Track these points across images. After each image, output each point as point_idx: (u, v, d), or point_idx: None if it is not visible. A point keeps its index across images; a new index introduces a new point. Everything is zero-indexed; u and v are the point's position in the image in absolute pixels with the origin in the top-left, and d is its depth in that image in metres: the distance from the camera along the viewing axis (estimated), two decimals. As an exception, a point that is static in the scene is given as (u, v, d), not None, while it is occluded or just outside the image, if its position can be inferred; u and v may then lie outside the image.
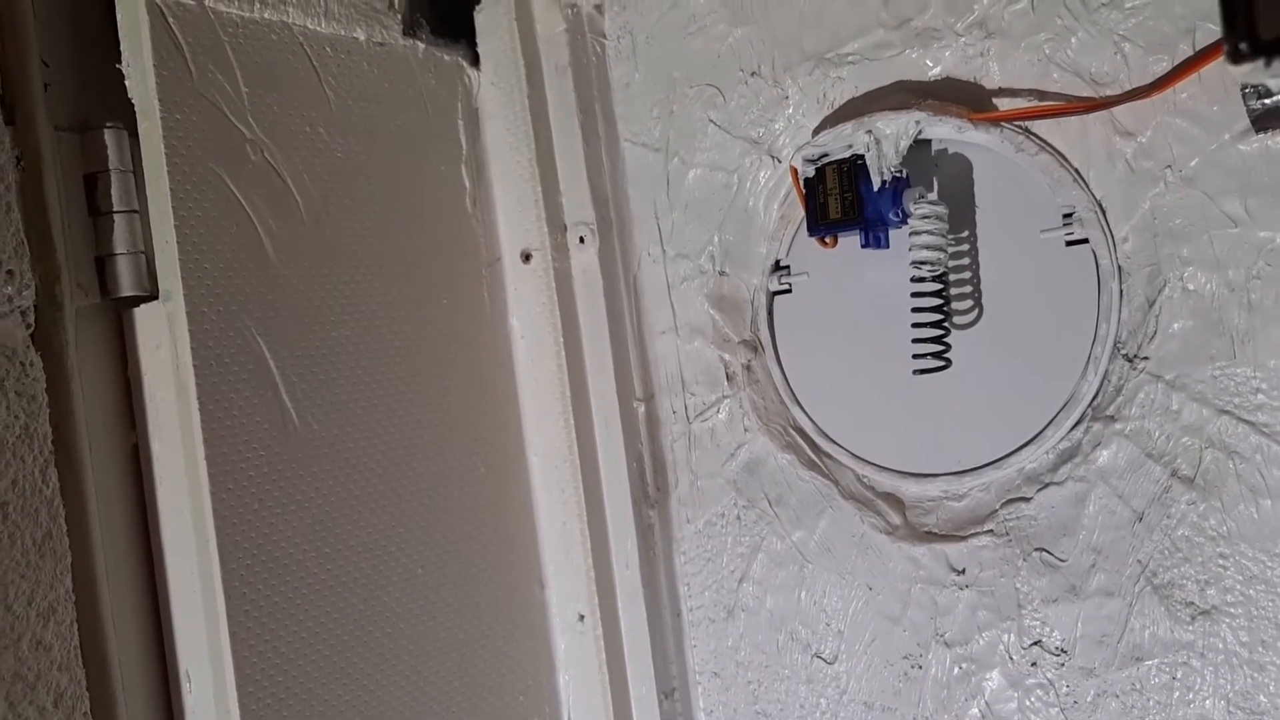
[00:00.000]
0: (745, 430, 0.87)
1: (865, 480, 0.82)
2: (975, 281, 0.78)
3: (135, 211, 0.72)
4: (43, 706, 0.66)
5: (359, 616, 0.77)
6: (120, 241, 0.72)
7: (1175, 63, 0.69)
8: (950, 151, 0.78)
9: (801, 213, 0.81)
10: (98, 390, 0.72)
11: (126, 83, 0.70)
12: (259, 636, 0.71)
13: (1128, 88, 0.71)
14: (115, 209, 0.72)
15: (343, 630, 0.76)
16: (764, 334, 0.86)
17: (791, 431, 0.85)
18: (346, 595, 0.77)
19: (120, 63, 0.71)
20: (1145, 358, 0.71)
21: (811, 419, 0.84)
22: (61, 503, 0.68)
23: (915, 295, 0.76)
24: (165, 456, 0.72)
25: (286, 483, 0.74)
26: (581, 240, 0.89)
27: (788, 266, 0.85)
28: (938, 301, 0.76)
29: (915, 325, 0.76)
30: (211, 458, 0.70)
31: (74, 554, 0.68)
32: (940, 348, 0.76)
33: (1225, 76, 0.67)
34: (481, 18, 0.89)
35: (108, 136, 0.72)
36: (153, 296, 0.72)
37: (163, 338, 0.71)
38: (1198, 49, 0.68)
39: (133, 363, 0.73)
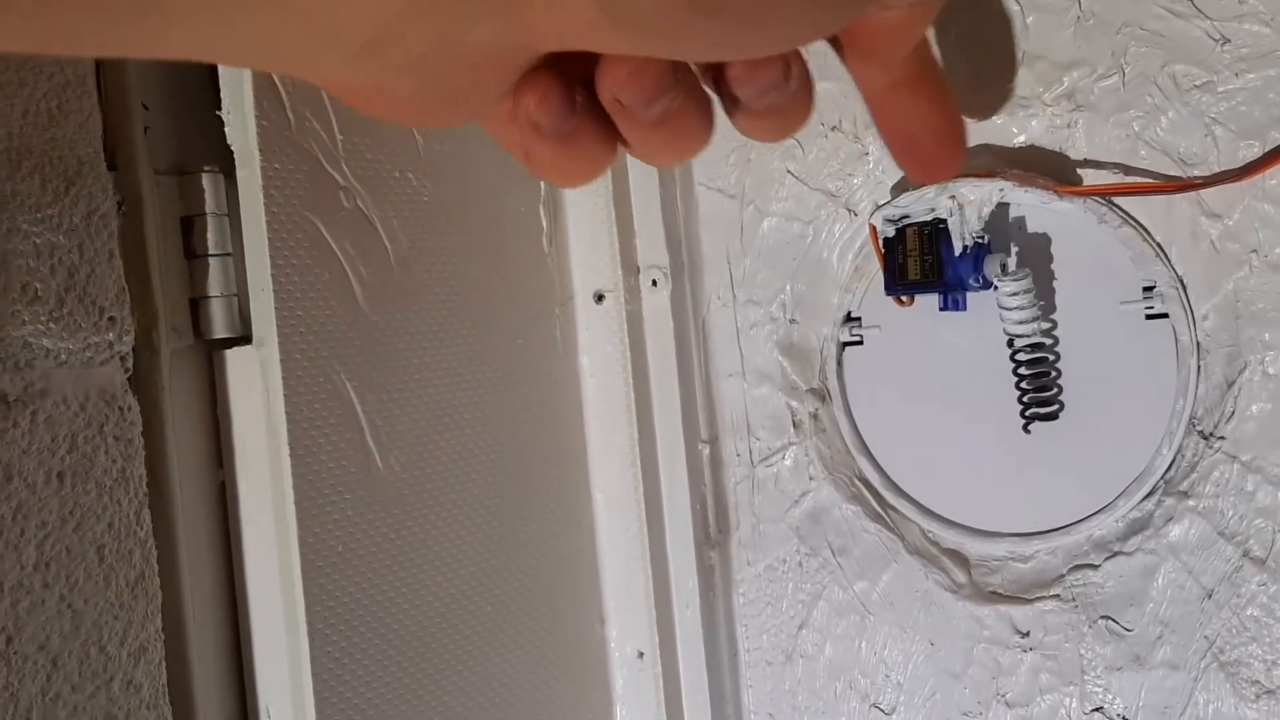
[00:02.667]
0: (810, 478, 0.88)
1: (931, 536, 0.83)
2: (1052, 347, 0.78)
3: (229, 255, 0.73)
4: (128, 741, 0.67)
5: (430, 653, 0.79)
6: (215, 284, 0.73)
7: (1266, 149, 0.69)
8: (1031, 218, 0.79)
9: (875, 266, 0.82)
10: (188, 429, 0.73)
11: (226, 130, 0.71)
12: (337, 675, 0.73)
13: (1216, 170, 0.71)
14: (211, 252, 0.73)
15: (415, 666, 0.78)
16: (833, 384, 0.87)
17: (857, 482, 0.86)
18: (419, 633, 0.78)
19: (220, 108, 0.72)
20: (1221, 437, 0.72)
21: (879, 471, 0.85)
22: (154, 544, 0.69)
23: (1016, 363, 0.77)
24: (252, 497, 0.73)
25: (368, 524, 0.75)
26: (654, 283, 0.90)
27: (859, 318, 0.86)
28: (1040, 369, 0.77)
29: (1019, 389, 0.77)
30: (300, 501, 0.71)
31: (163, 592, 0.70)
32: (1053, 406, 0.77)
33: (1317, 166, 0.68)
34: (564, 59, 0.90)
35: (205, 180, 0.73)
36: (243, 338, 0.73)
37: (254, 382, 0.72)
38: (1290, 137, 0.69)
39: (222, 402, 0.74)
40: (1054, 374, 0.78)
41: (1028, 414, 0.78)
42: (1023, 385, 0.78)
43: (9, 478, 0.62)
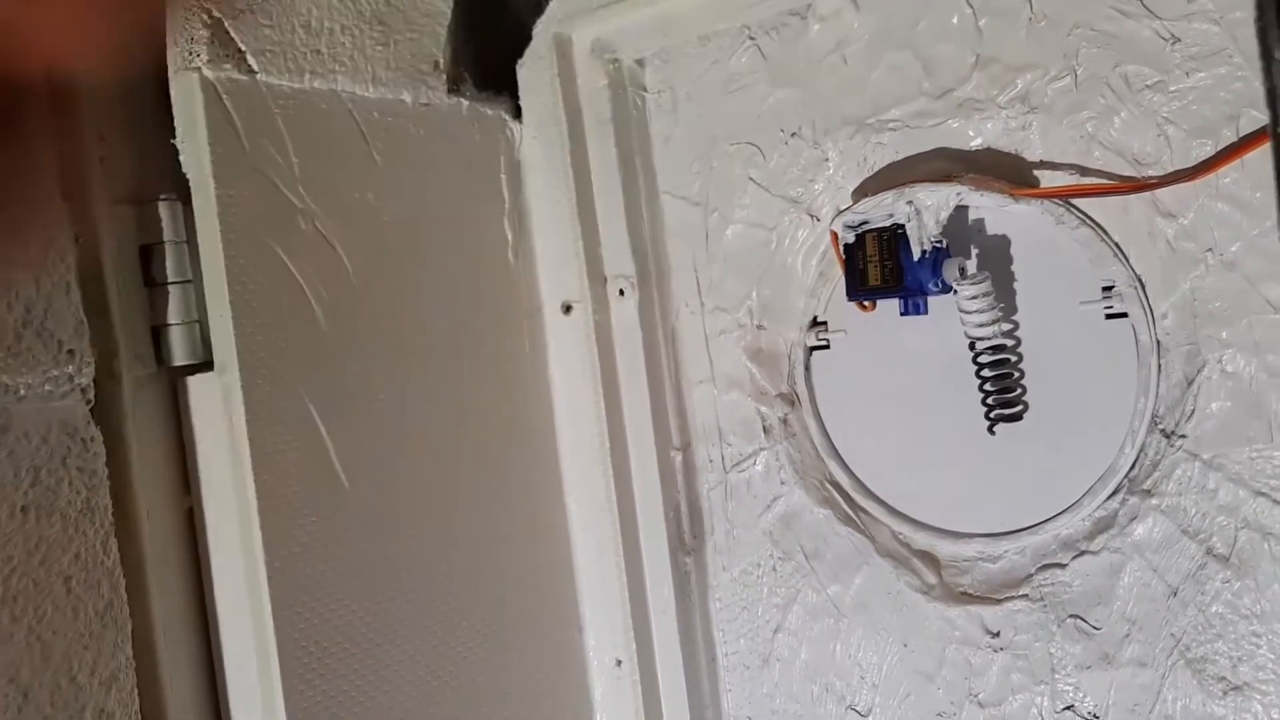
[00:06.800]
0: (782, 483, 0.88)
1: (901, 538, 0.84)
2: (1014, 348, 0.79)
3: (189, 281, 0.74)
4: (103, 767, 0.68)
5: (406, 670, 0.79)
6: (175, 312, 0.73)
7: (1219, 147, 0.69)
8: (989, 220, 0.79)
9: (840, 271, 0.82)
10: (153, 457, 0.73)
11: (181, 159, 0.71)
12: (310, 696, 0.73)
13: (1170, 169, 0.71)
14: (170, 280, 0.73)
15: (390, 684, 0.78)
16: (801, 388, 0.87)
17: (828, 486, 0.86)
18: (394, 650, 0.78)
19: (174, 136, 0.72)
20: (1183, 435, 0.72)
21: (849, 474, 0.85)
22: (122, 573, 0.69)
23: (978, 365, 0.77)
24: (219, 522, 0.74)
25: (337, 545, 0.75)
26: (621, 292, 0.90)
27: (826, 323, 0.86)
28: (1002, 370, 0.77)
29: (983, 391, 0.77)
30: (265, 525, 0.71)
31: (133, 620, 0.70)
32: (1017, 407, 0.77)
33: (1268, 164, 0.67)
34: (524, 72, 0.90)
35: (162, 209, 0.73)
36: (206, 364, 0.73)
37: (217, 408, 0.72)
38: (1241, 135, 0.69)
39: (187, 429, 0.75)
40: (1016, 374, 0.78)
41: (993, 415, 0.78)
42: (986, 387, 0.78)
43: (-29, 514, 0.62)
